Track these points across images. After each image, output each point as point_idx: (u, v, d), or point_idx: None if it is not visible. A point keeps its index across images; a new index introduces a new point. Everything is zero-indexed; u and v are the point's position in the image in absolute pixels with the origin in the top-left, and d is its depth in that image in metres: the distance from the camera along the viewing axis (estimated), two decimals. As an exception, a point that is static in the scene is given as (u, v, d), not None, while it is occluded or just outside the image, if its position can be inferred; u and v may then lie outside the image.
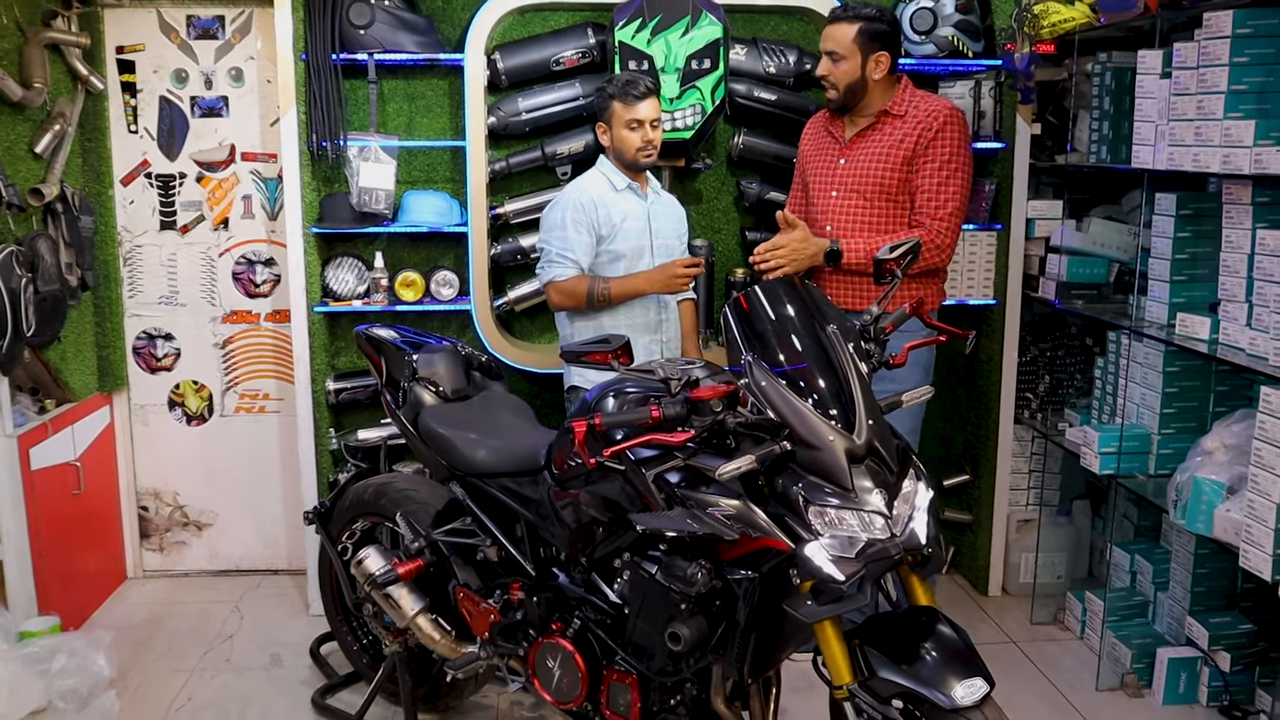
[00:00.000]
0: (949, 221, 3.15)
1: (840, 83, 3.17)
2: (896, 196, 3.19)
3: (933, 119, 3.13)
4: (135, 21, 3.83)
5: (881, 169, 3.18)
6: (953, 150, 3.15)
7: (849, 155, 3.26)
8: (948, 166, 3.14)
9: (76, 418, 3.73)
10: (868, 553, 2.10)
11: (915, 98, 3.22)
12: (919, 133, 3.14)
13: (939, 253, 3.16)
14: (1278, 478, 2.50)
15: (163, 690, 3.35)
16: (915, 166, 3.15)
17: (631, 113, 3.15)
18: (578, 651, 2.54)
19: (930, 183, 3.14)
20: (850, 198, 3.25)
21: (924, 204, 3.16)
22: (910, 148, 3.14)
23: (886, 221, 3.21)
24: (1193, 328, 2.99)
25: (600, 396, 2.52)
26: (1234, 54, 2.66)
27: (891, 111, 3.20)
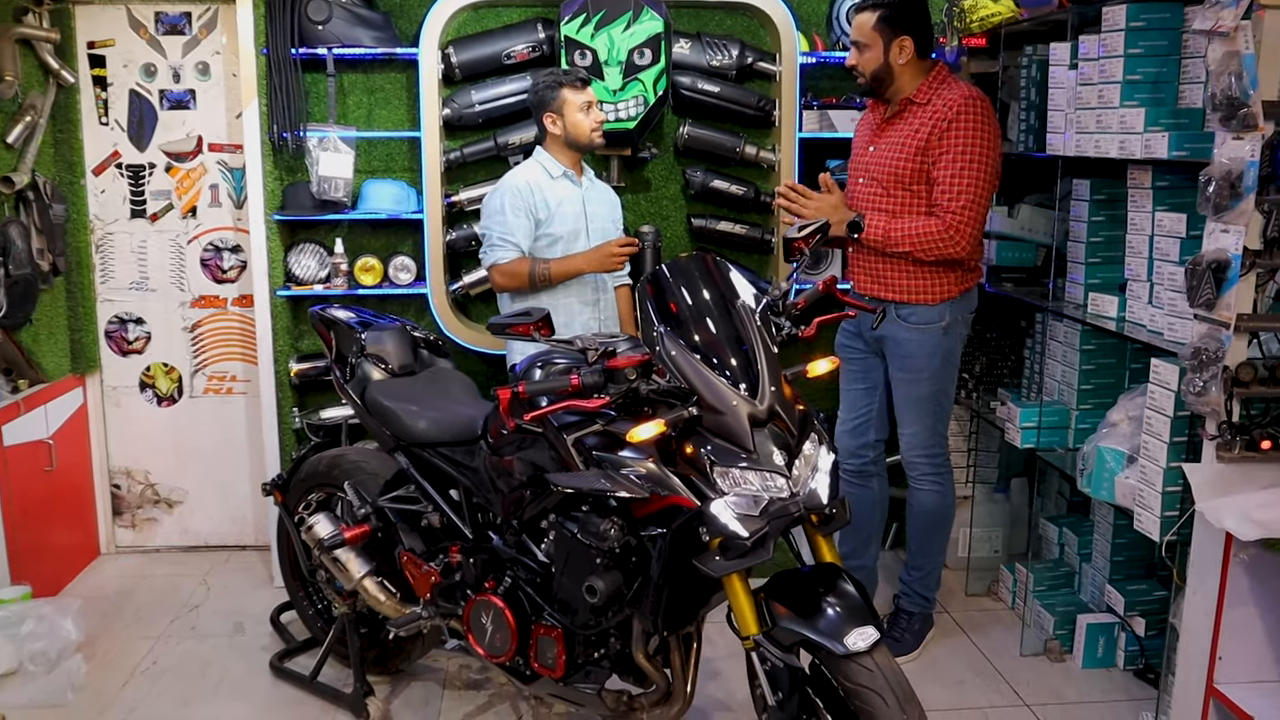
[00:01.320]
0: (964, 213, 3.14)
1: (866, 70, 3.25)
2: (912, 185, 3.23)
3: (948, 107, 3.15)
4: (106, 18, 3.99)
5: (898, 158, 3.24)
6: (969, 139, 3.14)
7: (877, 143, 3.35)
8: (962, 157, 3.14)
9: (49, 397, 3.89)
10: (770, 510, 2.27)
11: (943, 85, 3.24)
12: (934, 122, 3.16)
13: (953, 244, 3.16)
14: (1165, 444, 2.66)
15: (129, 655, 3.51)
16: (933, 157, 3.17)
17: (583, 96, 3.35)
18: (508, 608, 2.70)
19: (945, 173, 3.16)
20: (872, 185, 3.34)
21: (939, 195, 3.18)
22: (925, 137, 3.17)
23: (904, 211, 3.27)
24: (1103, 307, 3.15)
25: (528, 367, 2.69)
26: (1129, 46, 2.82)
27: (915, 100, 3.25)
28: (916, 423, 3.45)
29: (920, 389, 3.40)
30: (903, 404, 3.46)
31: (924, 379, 3.38)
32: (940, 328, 3.34)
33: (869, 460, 3.62)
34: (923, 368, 3.37)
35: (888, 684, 2.20)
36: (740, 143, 3.96)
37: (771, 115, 3.95)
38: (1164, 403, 2.68)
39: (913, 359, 3.38)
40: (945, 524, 3.60)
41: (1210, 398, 2.37)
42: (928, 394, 3.41)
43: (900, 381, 3.43)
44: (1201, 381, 2.38)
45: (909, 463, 3.52)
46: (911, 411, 3.45)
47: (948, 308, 3.33)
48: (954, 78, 3.31)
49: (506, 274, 3.39)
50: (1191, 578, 2.53)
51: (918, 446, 3.48)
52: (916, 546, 3.60)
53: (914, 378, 3.40)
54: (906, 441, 3.50)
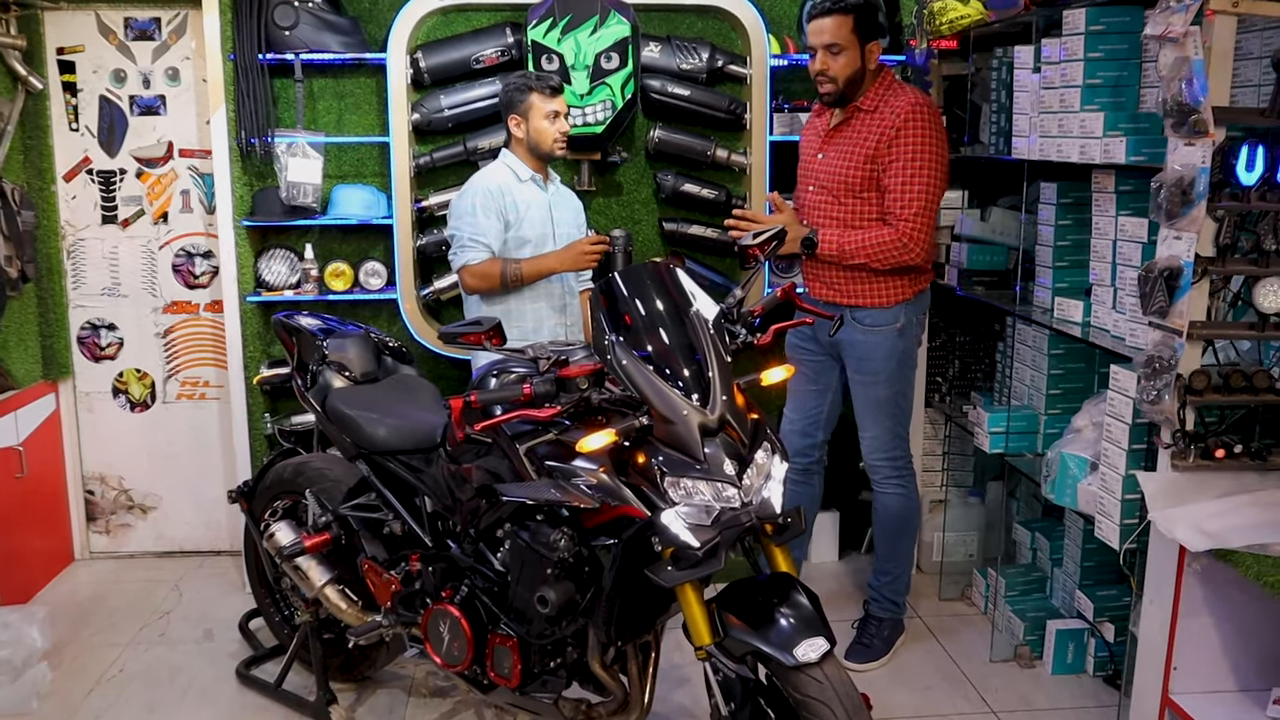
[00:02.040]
0: (916, 220, 3.15)
1: (841, 75, 3.17)
2: (862, 194, 3.23)
3: (895, 115, 3.15)
4: (75, 23, 3.98)
5: (847, 166, 3.23)
6: (917, 146, 3.14)
7: (826, 150, 3.33)
8: (912, 165, 3.14)
9: (20, 404, 3.88)
10: (721, 520, 2.26)
11: (889, 92, 3.23)
12: (882, 129, 3.16)
13: (907, 251, 3.17)
14: (1124, 452, 2.64)
15: (96, 662, 3.50)
16: (883, 165, 3.17)
17: (551, 104, 3.32)
18: (464, 617, 2.68)
19: (895, 181, 3.15)
20: (821, 194, 3.33)
21: (891, 204, 3.18)
22: (873, 145, 3.17)
23: (855, 218, 3.26)
24: (1068, 311, 3.13)
25: (483, 375, 2.67)
26: (1088, 49, 2.80)
27: (862, 107, 3.23)
28: (876, 425, 3.44)
29: (879, 391, 3.40)
30: (862, 408, 3.45)
31: (881, 381, 3.38)
32: (895, 330, 3.35)
33: (814, 460, 3.63)
34: (879, 370, 3.37)
35: (836, 696, 2.19)
36: (711, 146, 3.94)
37: (743, 118, 3.93)
38: (1123, 410, 2.66)
39: (869, 361, 3.37)
40: (911, 527, 3.59)
41: (1164, 406, 2.35)
42: (886, 396, 3.41)
43: (859, 385, 3.43)
44: (1155, 389, 2.37)
45: (872, 467, 3.51)
46: (871, 414, 3.44)
47: (902, 310, 3.35)
48: (900, 83, 3.30)
49: (477, 275, 3.36)
50: (1148, 587, 2.52)
51: (879, 450, 3.47)
52: (884, 551, 3.59)
53: (871, 380, 3.39)
54: (868, 445, 3.48)
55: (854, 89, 3.24)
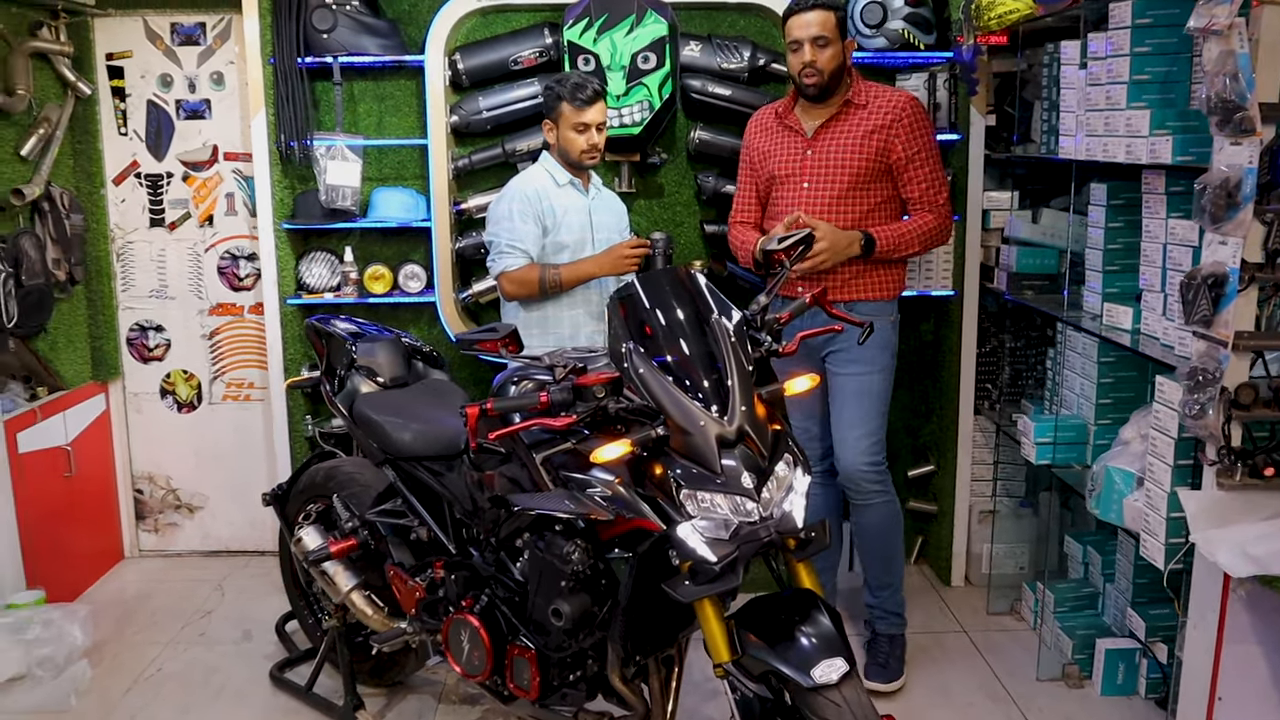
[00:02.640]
0: (948, 206, 3.32)
1: (827, 68, 3.18)
2: (868, 185, 3.24)
3: (902, 111, 3.22)
4: (124, 30, 4.04)
5: (854, 158, 3.22)
6: (929, 139, 3.28)
7: (815, 147, 3.28)
8: (933, 156, 3.28)
9: (68, 404, 3.96)
10: (740, 535, 2.19)
11: (871, 89, 3.29)
12: (889, 123, 3.21)
13: (948, 234, 3.35)
14: (1169, 468, 2.51)
15: (136, 661, 3.55)
16: (901, 157, 3.22)
17: (579, 116, 3.25)
18: (483, 627, 2.65)
19: (923, 172, 3.25)
20: (822, 187, 3.27)
21: (924, 193, 3.26)
22: (884, 139, 3.21)
23: (863, 210, 3.24)
24: (1117, 318, 3.00)
25: (503, 383, 2.64)
26: (1135, 44, 2.67)
27: (854, 101, 3.25)
28: (863, 424, 3.30)
29: (874, 384, 3.32)
30: (855, 402, 3.31)
31: (875, 372, 3.31)
32: (890, 322, 3.34)
33: (825, 469, 3.51)
34: (874, 359, 3.29)
35: (855, 718, 2.11)
36: (753, 147, 3.86)
37: (785, 118, 3.84)
38: (1169, 423, 2.53)
39: (866, 350, 3.23)
40: (900, 535, 3.48)
41: (1208, 421, 2.23)
42: (879, 390, 3.33)
43: (851, 379, 3.31)
44: (1199, 403, 2.24)
45: (859, 475, 3.33)
46: (862, 410, 3.31)
47: (895, 304, 3.37)
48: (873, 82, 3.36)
49: (516, 281, 3.33)
50: (1192, 611, 2.39)
51: (866, 454, 3.31)
52: (880, 565, 3.46)
53: (867, 370, 3.30)
54: (853, 449, 3.31)
55: (836, 83, 3.24)
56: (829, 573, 3.67)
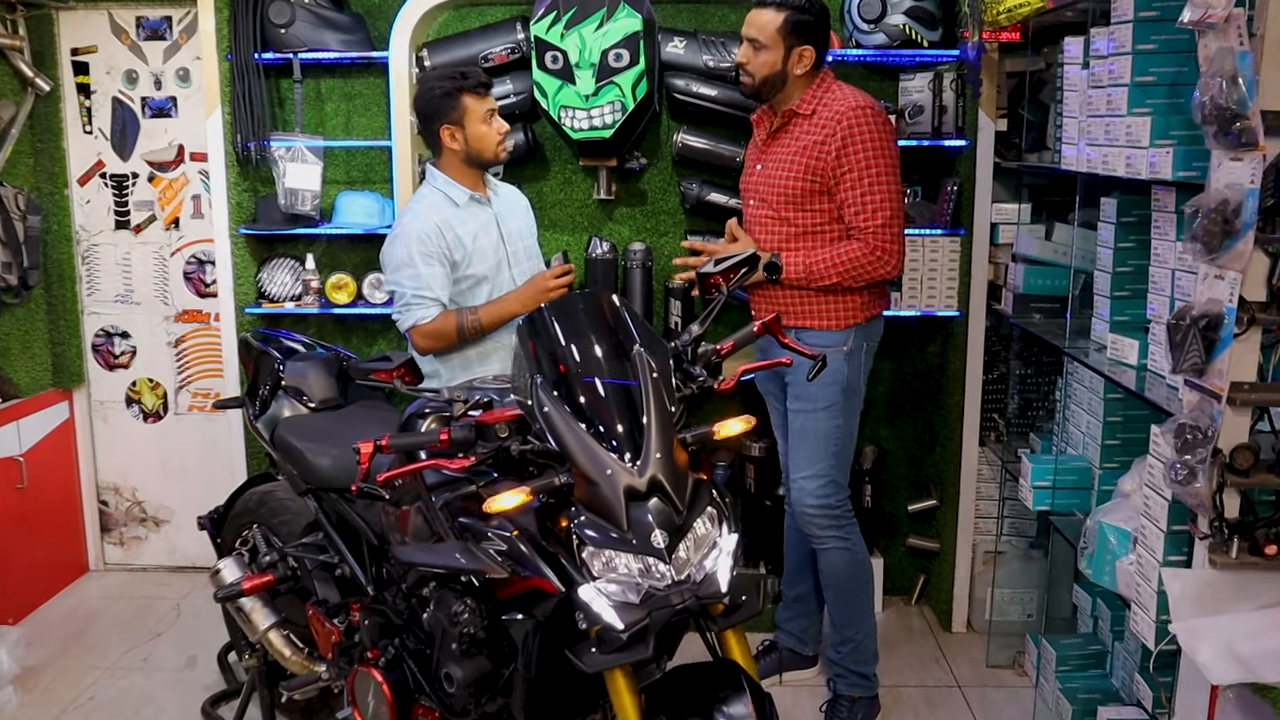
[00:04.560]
0: (885, 231, 2.86)
1: (757, 73, 2.91)
2: (805, 206, 2.91)
3: (837, 123, 2.84)
4: (89, 23, 3.87)
5: (786, 176, 2.91)
6: (869, 154, 2.83)
7: (764, 160, 3.01)
8: (868, 174, 2.84)
9: (23, 413, 3.80)
10: (652, 599, 1.93)
11: (828, 95, 2.92)
12: (823, 135, 2.85)
13: (883, 263, 2.88)
14: (1161, 533, 2.17)
15: (70, 687, 3.38)
16: (834, 176, 2.85)
17: (487, 104, 2.90)
18: (386, 682, 2.41)
19: (854, 194, 2.85)
20: (762, 208, 3.01)
21: (854, 218, 2.87)
22: (814, 155, 2.86)
23: (799, 233, 2.93)
24: (1123, 351, 2.65)
25: (410, 416, 2.39)
26: (1138, 40, 2.32)
27: (799, 111, 2.93)
28: (811, 465, 3.00)
29: (818, 422, 2.98)
30: (798, 442, 3.03)
31: (820, 409, 2.97)
32: (841, 352, 2.96)
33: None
34: (819, 396, 2.96)
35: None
36: (740, 151, 3.56)
37: (776, 121, 3.54)
38: (1163, 481, 2.18)
39: (808, 386, 2.92)
40: (863, 584, 3.14)
41: (1197, 487, 1.89)
42: (826, 430, 2.99)
43: (797, 415, 3.02)
44: (1188, 466, 1.90)
45: (807, 518, 3.04)
46: (807, 451, 3.01)
47: (851, 334, 2.98)
48: (839, 84, 2.96)
49: (431, 335, 2.92)
50: (1179, 708, 2.05)
51: (812, 496, 3.01)
52: (838, 616, 3.14)
53: (809, 408, 2.98)
54: (799, 490, 3.04)
55: (770, 90, 2.93)
56: (807, 619, 3.36)
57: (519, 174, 3.71)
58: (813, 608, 3.37)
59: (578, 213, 3.77)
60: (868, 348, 3.03)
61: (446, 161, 2.97)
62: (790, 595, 3.37)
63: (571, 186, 3.76)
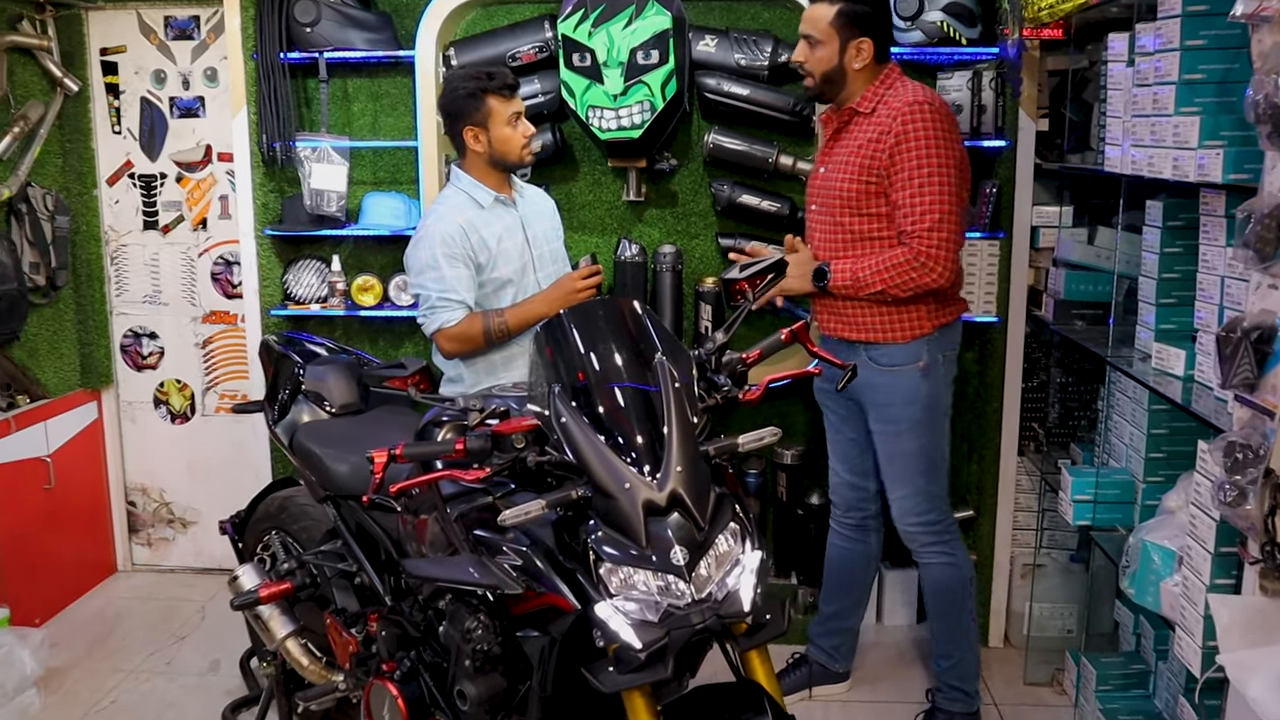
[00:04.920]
0: (932, 235, 2.70)
1: (816, 70, 2.80)
2: (864, 210, 2.78)
3: (892, 119, 2.71)
4: (118, 23, 3.86)
5: (843, 179, 2.79)
6: (923, 152, 2.69)
7: (827, 163, 2.90)
8: (919, 173, 2.69)
9: (51, 414, 3.80)
10: (671, 618, 1.86)
11: (890, 92, 2.79)
12: (879, 134, 2.73)
13: (927, 271, 2.71)
14: (1208, 555, 2.06)
15: (92, 690, 3.36)
16: (888, 176, 2.73)
17: (512, 106, 2.84)
18: (401, 696, 2.36)
19: (904, 194, 2.71)
20: (821, 213, 2.90)
21: (902, 220, 2.73)
22: (870, 154, 2.73)
23: (857, 239, 2.81)
24: (1168, 361, 2.53)
25: (427, 424, 2.33)
26: (1185, 36, 2.21)
27: (859, 109, 2.81)
28: (905, 484, 2.94)
29: (902, 444, 2.89)
30: (886, 462, 2.96)
31: (903, 431, 2.88)
32: (915, 369, 2.84)
33: (870, 514, 3.15)
34: (900, 418, 2.87)
35: None
36: (773, 152, 3.47)
37: (809, 120, 3.45)
38: (1211, 501, 2.08)
39: (888, 408, 2.87)
40: (967, 599, 3.06)
41: (1248, 509, 1.79)
42: (912, 450, 2.89)
43: (879, 435, 2.94)
44: (1238, 487, 1.80)
45: (906, 534, 3.00)
46: (896, 471, 2.94)
47: (923, 346, 2.84)
48: (905, 79, 2.83)
49: (456, 338, 2.86)
50: (1225, 738, 1.94)
51: (911, 513, 2.96)
52: (940, 631, 3.07)
53: (892, 430, 2.89)
54: (897, 508, 2.98)
55: (831, 88, 2.82)
56: (841, 636, 3.27)
57: (547, 174, 3.65)
58: (849, 625, 3.28)
59: (607, 214, 3.71)
60: (945, 358, 2.88)
61: (471, 163, 2.92)
62: (826, 610, 3.29)
63: (601, 188, 3.70)
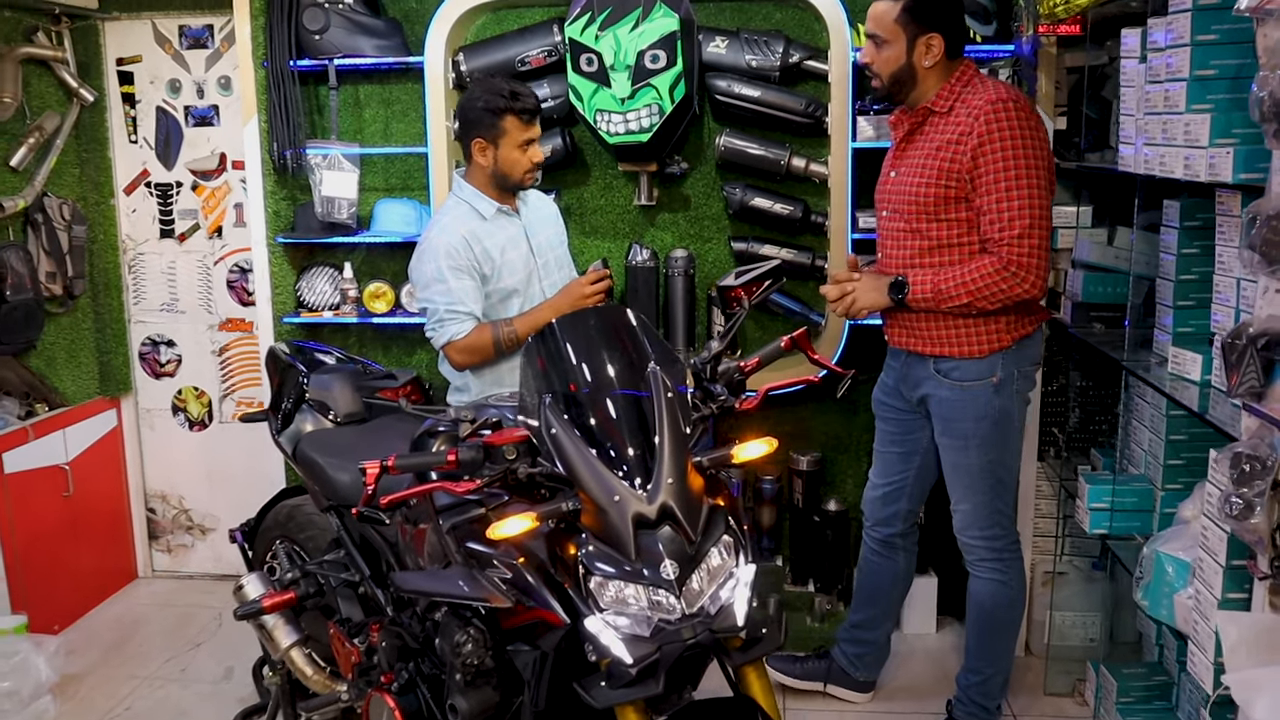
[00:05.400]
0: (1023, 243, 2.57)
1: (884, 71, 2.69)
2: (940, 215, 2.66)
3: (974, 119, 2.58)
4: (133, 33, 3.89)
5: (919, 183, 2.68)
6: (1009, 153, 2.57)
7: (899, 166, 2.79)
8: (1006, 176, 2.57)
9: (69, 422, 3.83)
10: (662, 633, 1.83)
11: (968, 90, 2.66)
12: (958, 135, 2.61)
13: (1018, 280, 2.60)
14: (1220, 568, 1.99)
15: (106, 698, 3.38)
16: (969, 180, 2.61)
17: (528, 132, 2.80)
18: (399, 708, 2.34)
19: (989, 199, 2.59)
20: (895, 219, 2.78)
21: (988, 227, 2.61)
22: (950, 157, 2.61)
23: (935, 247, 2.70)
24: (1185, 366, 2.46)
25: (422, 434, 2.32)
26: (1197, 31, 2.14)
27: (935, 109, 2.69)
28: (969, 498, 2.87)
29: (969, 459, 2.81)
30: (951, 476, 2.88)
31: (972, 447, 2.79)
32: (989, 385, 2.74)
33: (897, 532, 3.08)
34: (969, 433, 2.78)
35: None
36: (785, 154, 3.42)
37: (822, 122, 3.39)
38: (1220, 512, 2.01)
39: (957, 423, 2.79)
40: (1011, 622, 2.99)
41: (1255, 523, 1.72)
42: (979, 465, 2.81)
43: (946, 449, 2.85)
44: (1245, 500, 1.74)
45: (965, 545, 2.94)
46: (962, 485, 2.86)
47: (999, 360, 2.73)
48: (982, 77, 2.71)
49: (466, 350, 2.83)
50: (1236, 759, 1.88)
51: (972, 526, 2.89)
52: (975, 645, 3.00)
53: (960, 445, 2.81)
54: (959, 520, 2.91)
55: (902, 89, 2.71)
56: (866, 647, 3.21)
57: (558, 179, 3.62)
58: (873, 636, 3.22)
59: (619, 219, 3.67)
60: (1020, 373, 2.77)
61: (473, 174, 2.89)
62: (854, 618, 3.23)
63: (612, 192, 3.66)
